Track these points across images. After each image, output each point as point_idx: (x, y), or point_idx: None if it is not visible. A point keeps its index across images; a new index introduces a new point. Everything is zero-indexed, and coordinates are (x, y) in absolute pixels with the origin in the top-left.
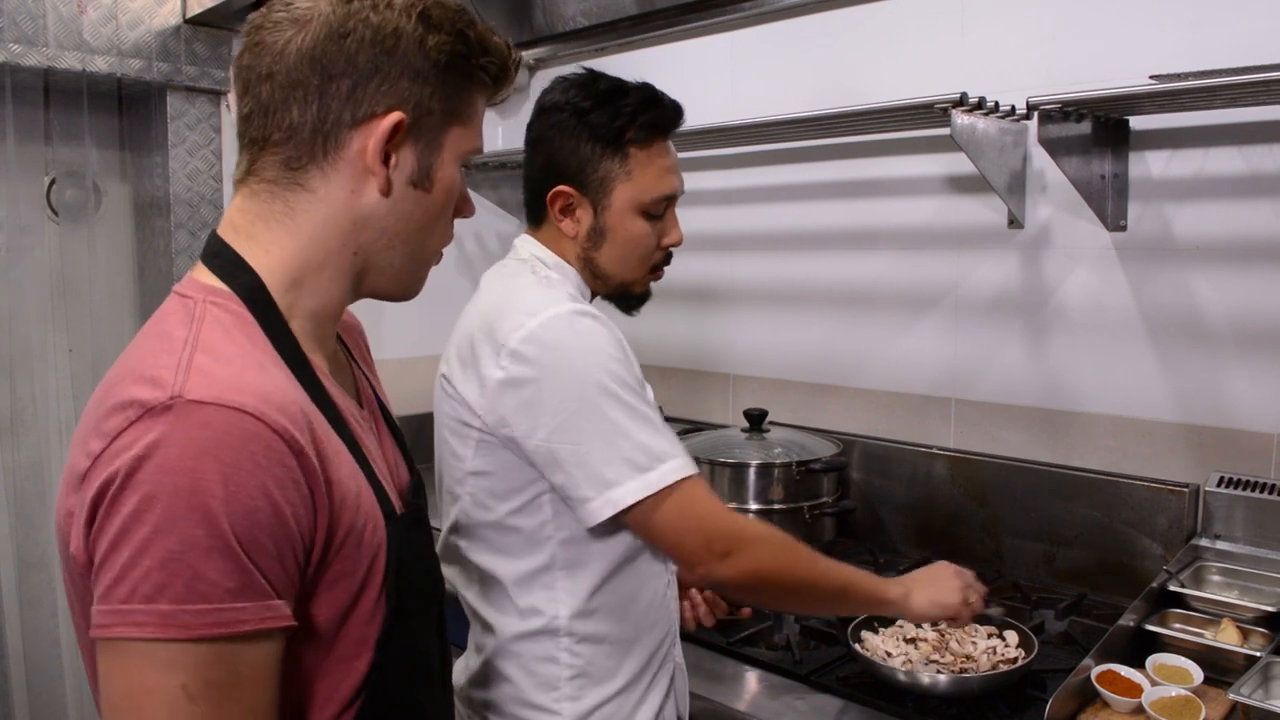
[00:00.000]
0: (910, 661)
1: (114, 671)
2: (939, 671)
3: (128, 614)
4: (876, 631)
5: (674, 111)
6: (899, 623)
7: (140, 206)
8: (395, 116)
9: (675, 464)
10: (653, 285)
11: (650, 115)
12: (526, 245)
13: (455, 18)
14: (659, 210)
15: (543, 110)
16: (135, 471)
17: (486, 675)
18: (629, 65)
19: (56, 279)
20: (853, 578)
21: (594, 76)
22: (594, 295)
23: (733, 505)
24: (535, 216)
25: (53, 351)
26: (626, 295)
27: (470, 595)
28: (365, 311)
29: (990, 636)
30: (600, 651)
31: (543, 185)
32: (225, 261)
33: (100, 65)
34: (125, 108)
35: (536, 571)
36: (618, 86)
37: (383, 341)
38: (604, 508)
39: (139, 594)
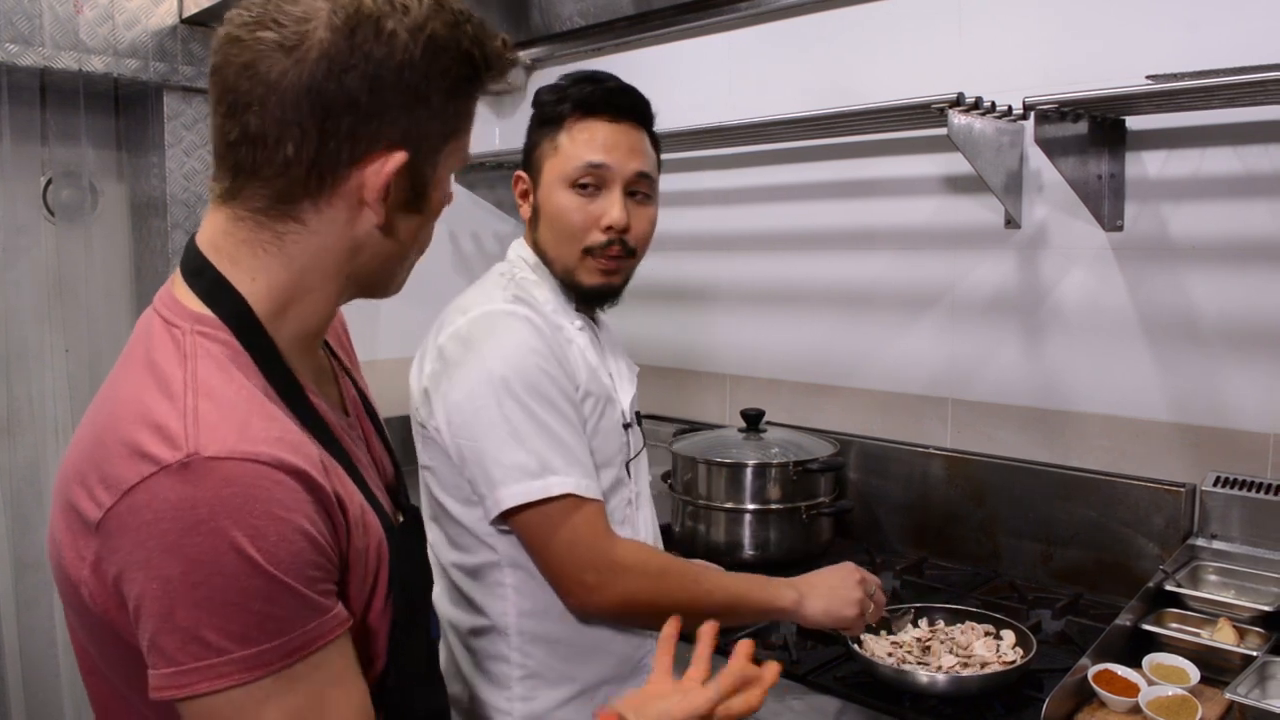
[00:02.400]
0: (907, 661)
1: None
2: (938, 670)
3: (208, 670)
4: (877, 632)
5: (609, 91)
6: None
7: (137, 207)
8: (400, 157)
9: (566, 480)
10: (649, 284)
11: (583, 91)
12: (515, 248)
13: (461, 35)
14: (585, 180)
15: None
16: (170, 536)
17: (449, 671)
18: (626, 65)
19: (53, 279)
20: (741, 591)
21: (571, 74)
22: (578, 293)
23: (729, 505)
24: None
25: (49, 352)
26: (576, 287)
27: (435, 590)
28: (363, 312)
29: (987, 635)
30: (554, 654)
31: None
32: (208, 283)
33: (96, 65)
34: (122, 108)
35: (485, 567)
36: (579, 75)
37: (378, 341)
38: (491, 508)
39: (213, 648)
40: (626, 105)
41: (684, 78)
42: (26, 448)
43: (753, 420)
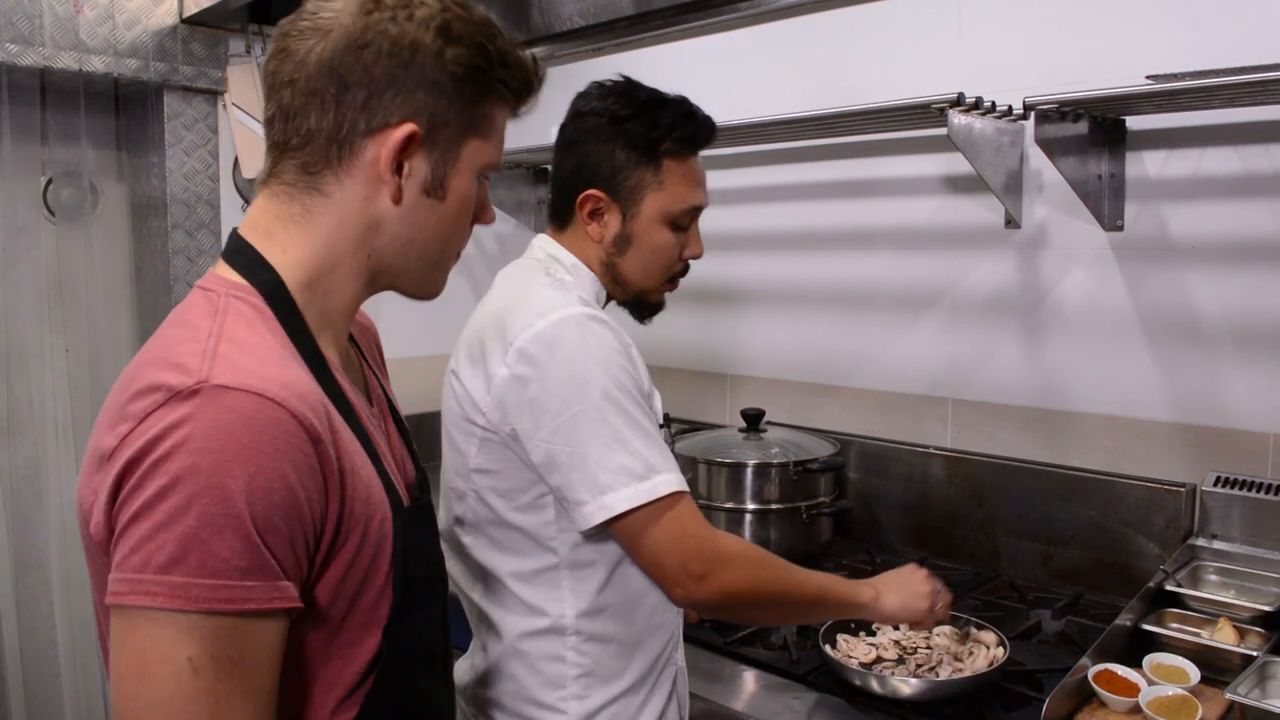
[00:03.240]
0: (882, 666)
1: (124, 639)
2: (911, 675)
3: (140, 583)
4: (856, 633)
5: (708, 128)
6: (875, 626)
7: (137, 206)
8: (408, 128)
9: (670, 478)
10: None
11: (686, 129)
12: (544, 245)
13: (476, 30)
14: (685, 222)
15: (579, 114)
16: (160, 450)
17: (492, 674)
18: (626, 65)
19: (53, 279)
20: (827, 585)
21: (632, 85)
22: (609, 300)
23: (730, 505)
24: (561, 218)
25: (49, 351)
26: (642, 304)
27: (475, 594)
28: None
29: (968, 640)
30: (607, 651)
31: (573, 188)
32: (246, 259)
33: (97, 65)
34: (122, 107)
35: (542, 570)
36: (656, 98)
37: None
38: (597, 512)
39: (153, 565)
40: (714, 139)
41: (684, 78)
42: (26, 448)
43: (753, 420)
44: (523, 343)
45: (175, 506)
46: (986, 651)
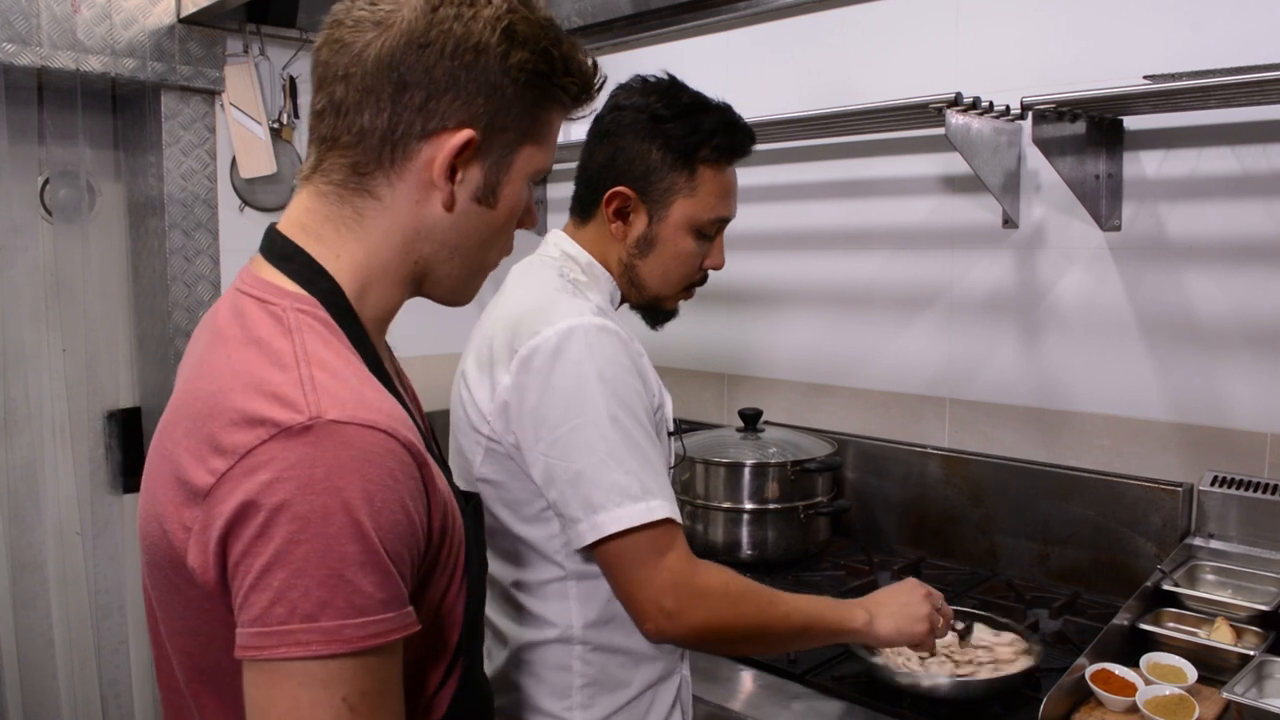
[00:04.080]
0: (909, 664)
1: (273, 693)
2: (943, 675)
3: (290, 634)
4: None
5: (749, 138)
6: None
7: (134, 206)
8: (466, 134)
9: (664, 503)
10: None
11: (727, 138)
12: (560, 242)
13: (541, 34)
14: (711, 232)
15: (618, 107)
16: (283, 493)
17: (499, 681)
18: (624, 65)
19: (50, 279)
20: (816, 613)
21: (676, 85)
22: (622, 301)
23: (727, 505)
24: (585, 211)
25: (46, 351)
26: (656, 310)
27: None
28: None
29: (966, 638)
30: (614, 661)
31: (603, 182)
32: (301, 266)
33: (94, 65)
34: (119, 107)
35: (549, 581)
36: (700, 101)
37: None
38: (588, 532)
39: (299, 613)
40: (749, 150)
41: (682, 77)
42: (23, 448)
43: (750, 420)
44: (527, 351)
45: (312, 551)
46: (993, 653)
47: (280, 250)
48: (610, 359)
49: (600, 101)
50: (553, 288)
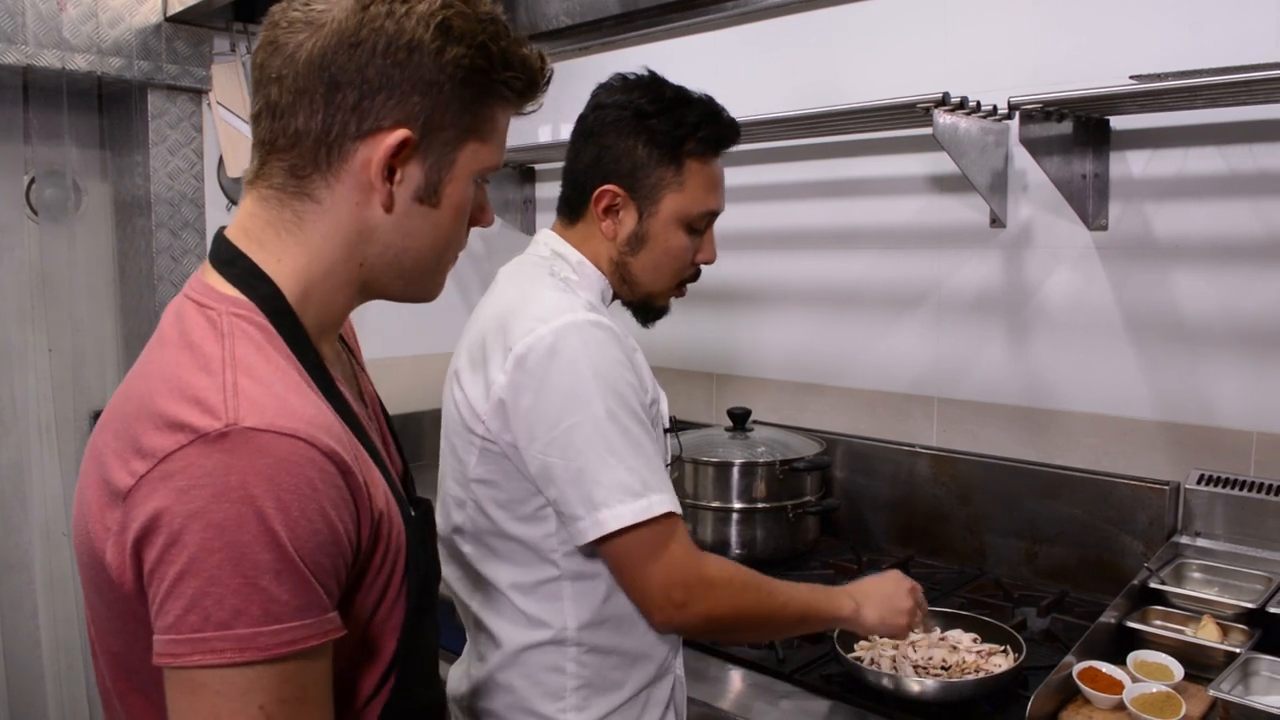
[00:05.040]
0: (895, 666)
1: (192, 701)
2: (927, 677)
3: (204, 642)
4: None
5: (733, 130)
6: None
7: (121, 205)
8: (400, 134)
9: (665, 498)
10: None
11: (712, 130)
12: (549, 241)
13: (479, 29)
14: (701, 226)
15: (600, 105)
16: (197, 501)
17: (489, 684)
18: (612, 65)
19: (36, 279)
20: (811, 602)
21: (658, 80)
22: (614, 299)
23: (716, 504)
24: (573, 211)
25: (32, 351)
26: (648, 306)
27: (474, 603)
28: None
29: (977, 642)
30: (608, 663)
31: (590, 181)
32: (242, 271)
33: (80, 63)
34: (105, 106)
35: (543, 582)
36: (682, 95)
37: (365, 341)
38: (592, 528)
39: (213, 621)
40: (735, 142)
41: (669, 77)
42: (9, 448)
43: (739, 419)
44: (522, 349)
45: (226, 559)
46: (958, 651)
47: (223, 255)
48: (605, 355)
49: (551, 107)
50: (544, 285)
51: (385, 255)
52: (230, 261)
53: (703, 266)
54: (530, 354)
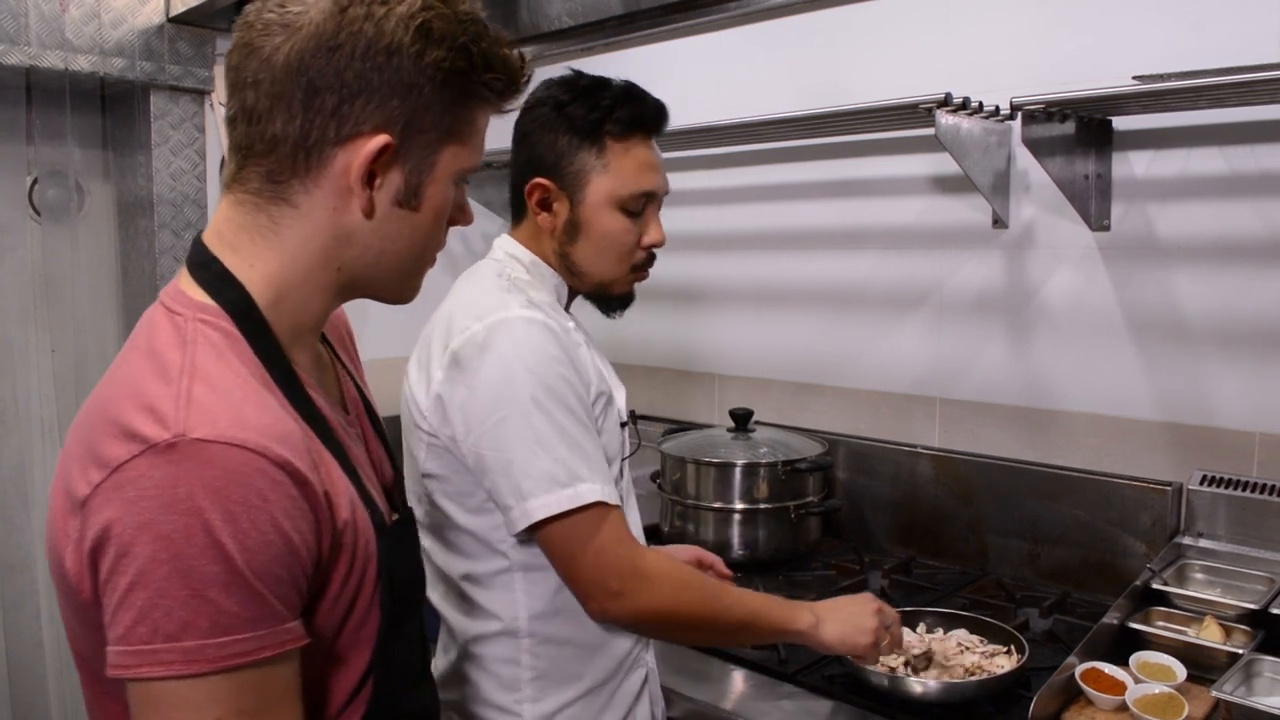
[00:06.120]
0: (896, 669)
1: (149, 713)
2: (930, 678)
3: (153, 654)
4: None
5: (654, 109)
6: None
7: (124, 206)
8: (381, 140)
9: (594, 487)
10: (637, 287)
11: (628, 109)
12: (504, 245)
13: (459, 30)
14: (637, 207)
15: (526, 108)
16: (146, 513)
17: (450, 677)
18: (615, 65)
19: (39, 279)
20: (761, 610)
21: (577, 75)
22: (574, 295)
23: (718, 505)
24: (516, 212)
25: (35, 352)
26: (606, 295)
27: (435, 596)
28: (351, 313)
29: (983, 644)
30: (564, 654)
31: (522, 180)
32: (212, 275)
33: (83, 64)
34: (108, 107)
35: (495, 573)
36: (598, 82)
37: (366, 342)
38: (520, 518)
39: (161, 633)
40: (664, 123)
41: (672, 78)
42: (12, 449)
43: (741, 420)
44: (457, 345)
45: (174, 571)
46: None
47: (198, 259)
48: (536, 349)
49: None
50: (487, 287)
51: (364, 259)
52: (204, 265)
53: (684, 260)
54: (463, 350)
